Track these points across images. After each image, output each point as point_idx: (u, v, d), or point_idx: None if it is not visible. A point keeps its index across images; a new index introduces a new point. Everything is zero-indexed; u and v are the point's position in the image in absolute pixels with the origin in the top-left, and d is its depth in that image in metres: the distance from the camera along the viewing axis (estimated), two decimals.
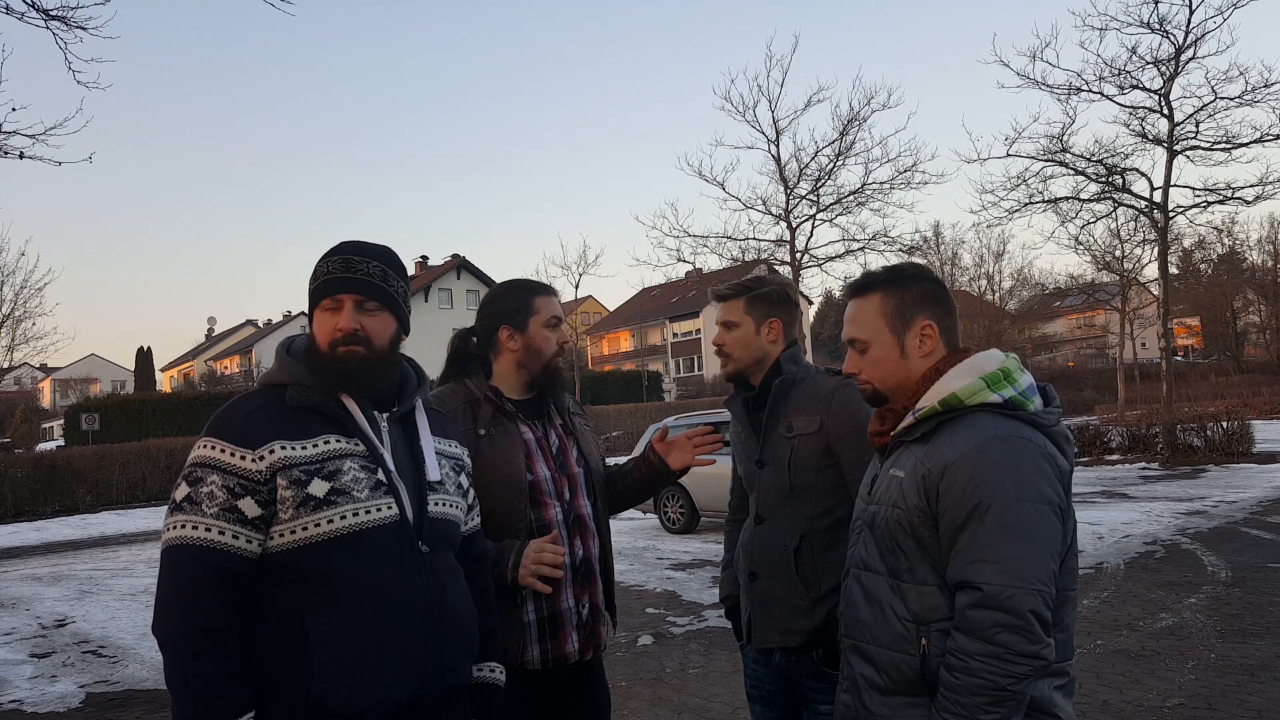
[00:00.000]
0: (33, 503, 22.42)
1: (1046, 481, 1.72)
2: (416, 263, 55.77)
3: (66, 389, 71.74)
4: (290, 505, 1.72)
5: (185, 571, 1.69)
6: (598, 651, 2.43)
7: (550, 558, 2.22)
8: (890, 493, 1.87)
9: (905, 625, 1.80)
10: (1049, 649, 1.67)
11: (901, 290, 1.95)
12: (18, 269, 29.66)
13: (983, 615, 1.66)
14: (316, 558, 1.73)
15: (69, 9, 7.69)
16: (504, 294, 2.50)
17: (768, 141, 23.75)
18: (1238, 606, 6.64)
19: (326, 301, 1.86)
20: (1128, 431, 20.87)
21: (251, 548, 1.72)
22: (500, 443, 2.37)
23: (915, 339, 1.93)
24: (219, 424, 1.78)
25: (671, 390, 53.99)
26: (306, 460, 1.75)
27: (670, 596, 8.29)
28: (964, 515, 1.72)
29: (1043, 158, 21.09)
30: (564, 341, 2.50)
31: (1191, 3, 18.71)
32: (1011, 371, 1.85)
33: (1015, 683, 1.64)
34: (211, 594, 1.68)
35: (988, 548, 1.69)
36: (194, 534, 1.69)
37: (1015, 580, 1.65)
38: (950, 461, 1.76)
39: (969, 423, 1.80)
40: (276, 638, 1.71)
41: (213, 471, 1.72)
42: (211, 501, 1.70)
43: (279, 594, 1.73)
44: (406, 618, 1.77)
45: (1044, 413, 1.83)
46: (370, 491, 1.78)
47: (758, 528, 2.52)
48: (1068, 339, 62.46)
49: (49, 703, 5.95)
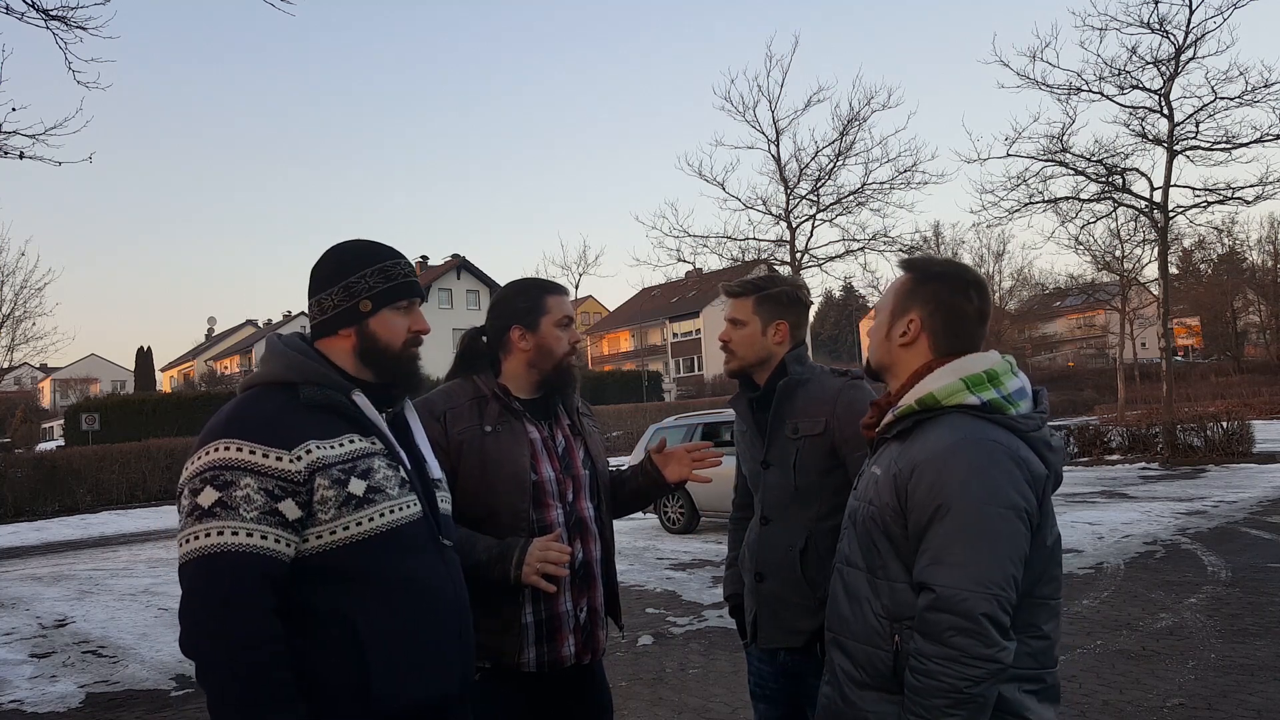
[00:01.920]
0: (33, 503, 22.44)
1: (1014, 487, 1.72)
2: (417, 263, 55.64)
3: (66, 389, 71.72)
4: (333, 505, 1.70)
5: (229, 581, 1.59)
6: (595, 656, 2.41)
7: (555, 556, 2.21)
8: (869, 489, 1.90)
9: (880, 621, 1.82)
10: (1004, 652, 1.67)
11: (921, 281, 1.98)
12: (18, 269, 29.68)
13: (937, 618, 1.68)
14: (360, 556, 1.72)
15: (69, 9, 7.69)
16: (516, 293, 2.49)
17: (768, 141, 23.76)
18: (1238, 606, 6.64)
19: (403, 302, 1.91)
20: (1128, 431, 20.88)
21: (289, 551, 1.67)
22: (506, 441, 2.35)
23: (900, 327, 1.96)
24: (240, 425, 1.70)
25: (671, 390, 53.98)
26: (340, 459, 1.73)
27: (670, 596, 8.29)
28: (928, 516, 1.73)
29: (1043, 158, 21.07)
30: (575, 341, 2.49)
31: (1191, 3, 18.69)
32: (999, 374, 1.85)
33: (972, 685, 1.65)
34: (262, 602, 1.60)
35: (945, 550, 1.70)
36: (234, 540, 1.61)
37: (969, 584, 1.66)
38: (919, 462, 1.78)
39: (943, 423, 1.81)
40: (326, 642, 1.68)
41: (245, 474, 1.64)
42: (249, 505, 1.63)
43: (323, 596, 1.69)
44: (444, 610, 1.81)
45: (1023, 417, 1.82)
46: (399, 489, 1.80)
47: (764, 529, 2.53)
48: (1068, 339, 62.45)
49: (49, 703, 5.94)
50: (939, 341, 1.93)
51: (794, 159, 23.73)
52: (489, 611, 2.21)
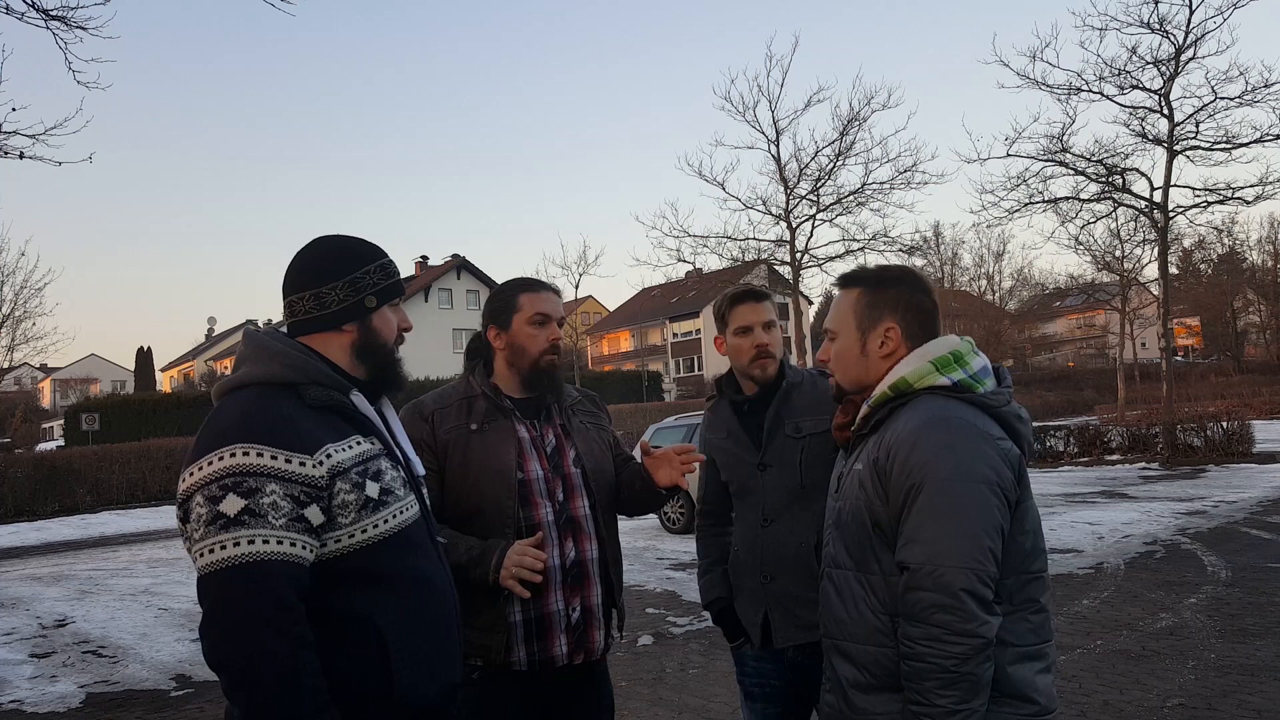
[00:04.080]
0: (33, 503, 22.44)
1: (985, 460, 1.73)
2: (416, 263, 55.75)
3: (66, 389, 71.76)
4: (354, 509, 1.69)
5: (264, 590, 1.55)
6: (590, 656, 2.38)
7: (530, 562, 2.20)
8: (852, 486, 1.90)
9: (879, 618, 1.80)
10: (986, 626, 1.65)
11: (877, 290, 1.98)
12: (18, 269, 29.86)
13: (917, 597, 1.68)
14: (377, 558, 1.72)
15: (69, 9, 7.70)
16: (494, 294, 2.53)
17: (768, 141, 23.80)
18: (1238, 606, 6.64)
19: (398, 300, 1.93)
20: (1128, 431, 20.88)
21: (312, 557, 1.64)
22: (492, 439, 2.37)
23: (877, 340, 1.95)
24: (257, 429, 1.64)
25: (671, 390, 53.99)
26: (353, 462, 1.72)
27: (670, 596, 8.29)
28: (903, 497, 1.75)
29: (1043, 158, 21.09)
30: (554, 338, 2.46)
31: (1191, 3, 18.70)
32: (963, 354, 1.88)
33: (958, 663, 1.63)
34: (297, 611, 1.57)
35: (918, 529, 1.71)
36: (265, 549, 1.56)
37: (943, 559, 1.66)
38: (893, 444, 1.79)
39: (914, 406, 1.84)
40: (351, 645, 1.67)
41: (270, 480, 1.60)
42: (277, 512, 1.59)
43: (345, 600, 1.68)
44: (446, 606, 1.84)
45: (991, 394, 1.85)
46: (404, 489, 1.81)
47: (765, 530, 2.53)
48: (1068, 339, 62.46)
49: (49, 703, 5.94)
50: (917, 343, 1.93)
51: (794, 159, 23.81)
52: (476, 609, 2.22)
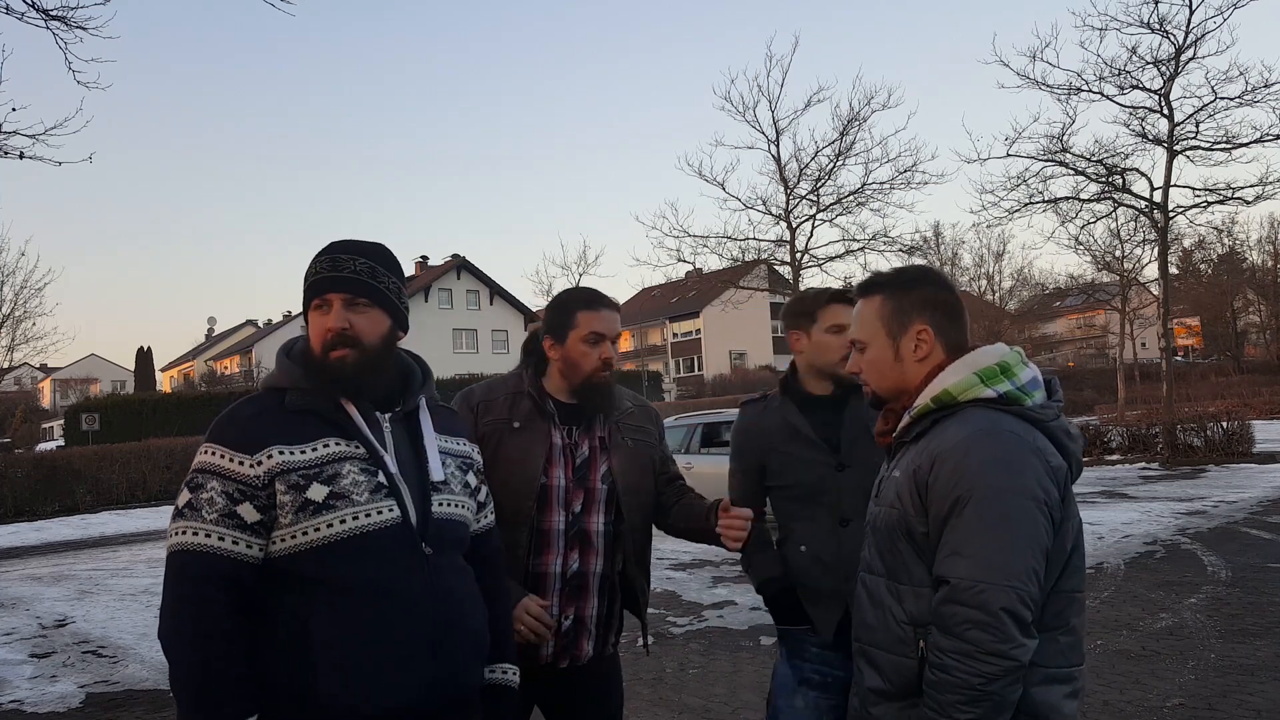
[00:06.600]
0: (33, 503, 22.41)
1: (1034, 477, 1.70)
2: (416, 263, 55.70)
3: (66, 389, 71.72)
4: (290, 510, 1.73)
5: (188, 577, 1.71)
6: (575, 662, 2.43)
7: (531, 623, 2.25)
8: (889, 493, 1.87)
9: (903, 628, 1.78)
10: (1022, 649, 1.62)
11: (902, 293, 1.95)
12: (18, 269, 29.72)
13: (954, 611, 1.64)
14: (317, 562, 1.73)
15: (69, 9, 7.72)
16: (555, 304, 2.55)
17: (768, 141, 23.73)
18: (1238, 606, 6.64)
19: (316, 301, 1.86)
20: (1128, 431, 20.88)
21: (253, 553, 1.74)
22: (526, 439, 2.41)
23: (910, 343, 1.92)
24: (219, 430, 1.79)
25: (671, 390, 53.96)
26: (305, 464, 1.75)
27: (670, 596, 8.28)
28: (947, 508, 1.70)
29: (1043, 158, 21.05)
30: (606, 357, 2.47)
31: (1191, 3, 18.68)
32: (1011, 366, 1.83)
33: (986, 683, 1.61)
34: (214, 599, 1.69)
35: (964, 542, 1.67)
36: (194, 540, 1.71)
37: (987, 576, 1.62)
38: (938, 455, 1.75)
39: (960, 418, 1.79)
40: (280, 641, 1.72)
41: (212, 477, 1.74)
42: (211, 507, 1.72)
43: (282, 598, 1.74)
44: (410, 621, 1.76)
45: (1040, 408, 1.81)
46: (370, 494, 1.78)
47: (844, 529, 2.56)
48: (1068, 339, 62.43)
49: (49, 703, 5.94)
50: (949, 341, 1.92)
51: (794, 159, 23.72)
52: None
